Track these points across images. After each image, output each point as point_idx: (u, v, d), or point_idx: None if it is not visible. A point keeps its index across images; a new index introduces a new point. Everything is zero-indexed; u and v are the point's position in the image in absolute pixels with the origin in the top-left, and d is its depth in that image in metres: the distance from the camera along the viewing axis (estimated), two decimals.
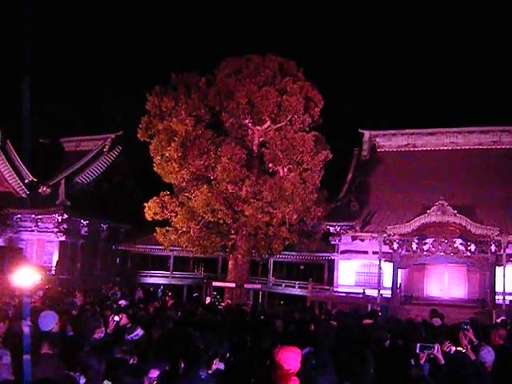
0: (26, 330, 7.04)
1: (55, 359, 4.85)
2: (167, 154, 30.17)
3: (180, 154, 29.76)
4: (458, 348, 7.07)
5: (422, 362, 6.73)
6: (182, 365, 6.44)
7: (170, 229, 30.88)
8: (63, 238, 40.21)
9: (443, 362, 6.61)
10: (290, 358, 5.57)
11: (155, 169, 30.97)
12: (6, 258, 32.63)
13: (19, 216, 40.82)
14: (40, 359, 4.91)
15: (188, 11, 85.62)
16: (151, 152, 30.94)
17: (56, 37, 73.57)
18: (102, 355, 6.00)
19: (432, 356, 6.64)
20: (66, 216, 39.46)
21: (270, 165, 31.09)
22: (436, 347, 6.64)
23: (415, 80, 78.84)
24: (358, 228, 35.42)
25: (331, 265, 38.30)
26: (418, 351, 6.65)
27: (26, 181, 42.66)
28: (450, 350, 7.01)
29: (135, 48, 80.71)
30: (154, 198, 31.05)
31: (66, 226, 40.03)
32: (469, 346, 7.14)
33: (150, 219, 31.03)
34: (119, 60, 76.80)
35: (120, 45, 79.59)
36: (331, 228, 36.38)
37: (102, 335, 8.00)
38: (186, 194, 30.92)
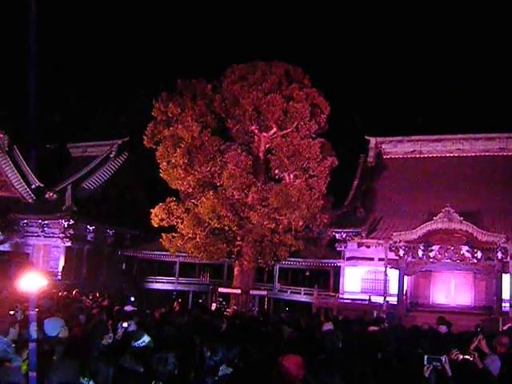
0: (34, 335, 7.09)
1: (71, 363, 4.90)
2: (173, 161, 30.25)
3: (186, 161, 29.83)
4: (466, 356, 7.03)
5: (427, 374, 6.68)
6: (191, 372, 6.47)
7: (176, 235, 30.93)
8: (69, 244, 40.30)
9: (450, 374, 6.57)
10: (295, 365, 5.64)
11: (161, 175, 31.06)
12: (13, 263, 32.69)
13: (26, 221, 40.94)
14: (55, 364, 4.95)
15: (194, 18, 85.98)
16: (157, 158, 31.03)
17: (63, 42, 74.01)
18: (110, 361, 6.02)
19: (439, 368, 6.59)
20: (72, 221, 39.56)
21: (276, 171, 31.14)
22: (444, 359, 6.59)
23: (422, 87, 78.90)
24: (363, 234, 35.38)
25: (337, 271, 38.23)
26: (425, 363, 6.60)
27: (33, 186, 42.80)
28: (458, 358, 6.98)
29: (142, 54, 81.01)
30: (160, 204, 31.11)
31: (72, 232, 40.13)
32: (476, 354, 7.11)
33: (156, 225, 31.10)
34: (125, 66, 77.09)
35: (127, 51, 79.97)
36: (337, 234, 36.36)
37: (110, 341, 8.04)
38: (192, 201, 30.98)
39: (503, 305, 30.51)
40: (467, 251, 30.90)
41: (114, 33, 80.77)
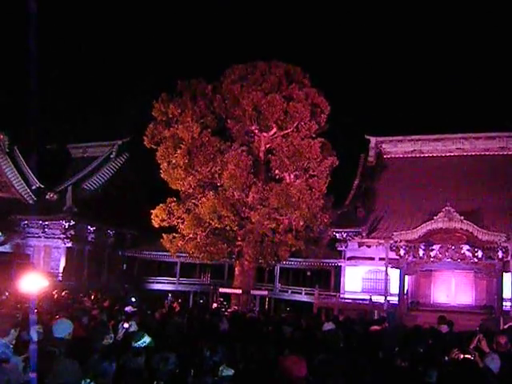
0: (34, 336, 7.10)
1: (72, 364, 4.91)
2: (174, 161, 30.25)
3: (186, 161, 29.82)
4: (466, 355, 7.04)
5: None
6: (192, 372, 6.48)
7: (176, 235, 30.92)
8: (70, 245, 40.28)
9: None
10: (297, 366, 5.64)
11: (162, 175, 31.05)
12: (14, 264, 32.69)
13: (26, 222, 40.92)
14: (59, 364, 4.97)
15: (194, 18, 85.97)
16: (158, 159, 31.02)
17: (64, 43, 74.01)
18: (112, 361, 6.03)
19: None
20: (72, 222, 39.54)
21: (277, 171, 31.11)
22: None
23: (422, 86, 78.87)
24: (364, 234, 35.38)
25: (338, 271, 38.25)
26: None
27: (34, 187, 42.81)
28: (458, 357, 6.99)
29: (142, 55, 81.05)
30: (161, 204, 31.10)
31: (72, 233, 40.10)
32: (477, 354, 7.11)
33: (157, 226, 31.09)
34: (125, 67, 77.11)
35: (127, 52, 79.97)
36: (338, 234, 36.36)
37: (111, 342, 8.04)
38: (193, 201, 30.97)
39: (504, 304, 30.54)
40: (468, 250, 30.91)
41: (115, 33, 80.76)
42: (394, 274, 33.11)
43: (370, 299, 33.34)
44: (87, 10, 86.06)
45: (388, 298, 32.41)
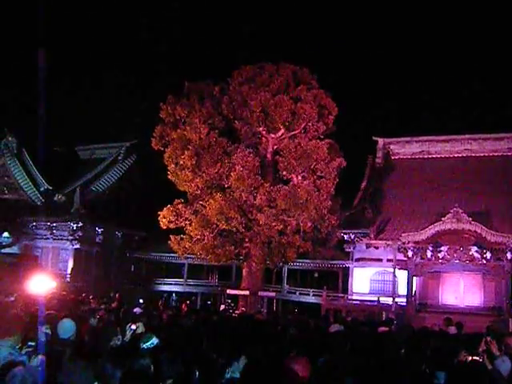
0: (42, 336, 7.10)
1: (82, 366, 4.89)
2: (181, 162, 30.28)
3: (194, 162, 29.84)
4: (475, 357, 6.99)
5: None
6: (197, 374, 6.46)
7: (184, 237, 30.93)
8: (78, 246, 40.38)
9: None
10: (302, 367, 5.63)
11: (169, 177, 31.08)
12: (22, 265, 32.80)
13: (34, 224, 41.05)
14: (66, 366, 4.96)
15: (202, 20, 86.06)
16: (165, 160, 31.06)
17: (71, 45, 74.24)
18: (118, 363, 6.02)
19: None
20: (80, 224, 39.65)
21: (284, 173, 31.08)
22: None
23: (430, 87, 78.69)
24: (372, 236, 35.28)
25: (345, 272, 38.15)
26: None
27: (42, 189, 42.96)
28: (466, 359, 6.95)
29: (149, 57, 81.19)
30: (169, 206, 31.13)
31: (80, 234, 40.20)
32: (485, 355, 7.07)
33: (165, 227, 31.11)
34: (133, 68, 77.33)
35: (134, 54, 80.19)
36: (345, 236, 36.25)
37: (119, 343, 8.04)
38: (200, 202, 30.97)
39: None
40: (476, 252, 30.76)
41: (123, 35, 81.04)
42: (402, 275, 33.01)
43: (378, 300, 33.20)
44: (95, 12, 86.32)
45: (396, 300, 32.30)
